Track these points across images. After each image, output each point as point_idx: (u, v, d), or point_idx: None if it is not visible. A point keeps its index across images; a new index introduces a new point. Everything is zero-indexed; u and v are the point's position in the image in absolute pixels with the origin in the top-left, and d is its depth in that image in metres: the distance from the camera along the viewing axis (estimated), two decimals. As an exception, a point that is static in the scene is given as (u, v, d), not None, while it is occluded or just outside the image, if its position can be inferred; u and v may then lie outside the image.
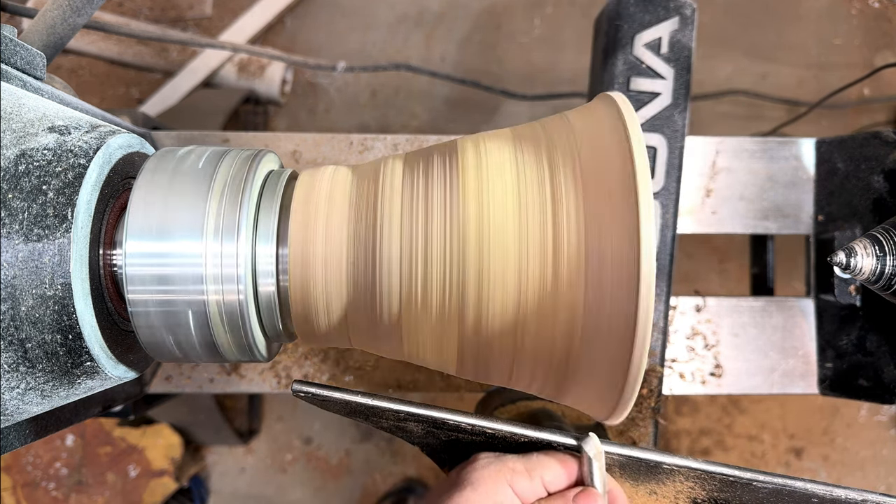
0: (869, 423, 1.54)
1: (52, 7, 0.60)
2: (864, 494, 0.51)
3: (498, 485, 0.48)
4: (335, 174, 0.52)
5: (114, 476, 1.35)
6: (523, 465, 0.50)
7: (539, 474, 0.49)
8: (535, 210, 0.45)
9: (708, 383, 0.86)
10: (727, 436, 1.53)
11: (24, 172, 0.42)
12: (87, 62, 1.56)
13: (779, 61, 1.59)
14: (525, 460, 0.50)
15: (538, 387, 0.50)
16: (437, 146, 0.52)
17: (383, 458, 1.51)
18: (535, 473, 0.49)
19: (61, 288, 0.42)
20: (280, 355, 0.86)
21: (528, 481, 0.49)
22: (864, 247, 0.64)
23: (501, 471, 0.49)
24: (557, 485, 0.50)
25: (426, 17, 1.60)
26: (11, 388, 0.42)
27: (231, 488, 1.51)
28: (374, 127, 1.57)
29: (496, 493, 0.48)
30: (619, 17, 0.78)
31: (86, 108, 0.61)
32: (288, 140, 0.87)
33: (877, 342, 0.80)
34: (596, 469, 0.50)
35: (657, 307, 0.78)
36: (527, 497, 0.49)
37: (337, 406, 0.52)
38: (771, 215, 0.88)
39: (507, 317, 0.45)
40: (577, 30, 1.59)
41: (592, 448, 0.50)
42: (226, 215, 0.47)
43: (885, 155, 0.79)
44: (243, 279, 0.47)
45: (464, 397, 1.33)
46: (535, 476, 0.49)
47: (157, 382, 0.86)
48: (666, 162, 0.78)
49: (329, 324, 0.50)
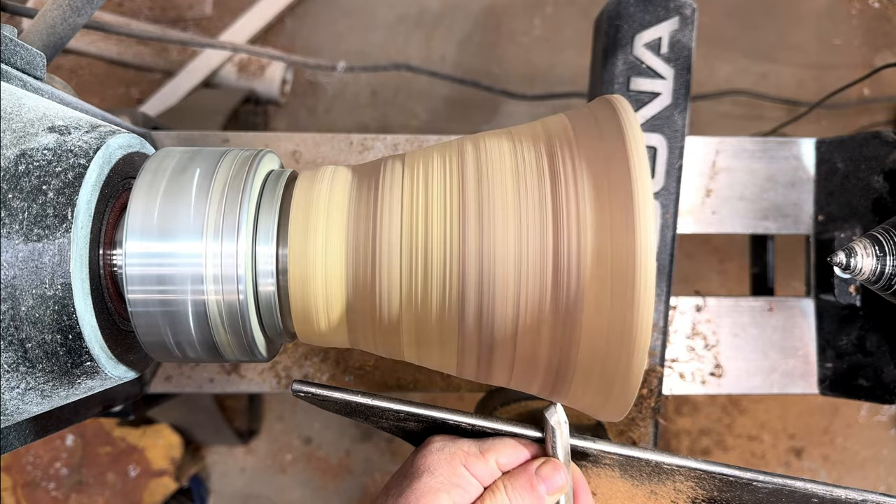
0: (869, 423, 1.54)
1: (52, 7, 0.60)
2: (864, 494, 0.51)
3: (455, 467, 0.48)
4: (335, 174, 0.52)
5: (114, 476, 1.35)
6: (477, 447, 0.50)
7: (493, 456, 0.49)
8: (535, 210, 0.45)
9: (708, 383, 0.86)
10: (727, 436, 1.53)
11: (24, 172, 0.42)
12: (87, 62, 1.56)
13: (779, 61, 1.59)
14: (479, 443, 0.50)
15: (538, 387, 0.50)
16: (437, 146, 0.52)
17: (383, 458, 1.51)
18: (490, 455, 0.49)
19: (61, 288, 0.42)
20: (280, 355, 0.86)
21: (483, 464, 0.49)
22: (864, 247, 0.64)
23: (456, 454, 0.49)
24: (512, 466, 0.50)
25: (426, 17, 1.60)
26: (11, 388, 0.42)
27: (231, 488, 1.50)
28: (374, 127, 1.57)
29: (453, 476, 0.48)
30: (619, 17, 0.78)
31: (86, 108, 0.61)
32: (288, 140, 0.87)
33: (877, 342, 0.80)
34: (559, 440, 0.50)
35: (657, 307, 0.78)
36: (483, 479, 0.49)
37: (337, 406, 0.52)
38: (771, 215, 0.87)
39: (507, 317, 0.45)
40: (577, 30, 1.59)
41: (555, 417, 0.50)
42: (226, 215, 0.47)
43: (885, 155, 0.79)
44: (243, 279, 0.47)
45: (464, 397, 1.33)
46: (490, 458, 0.49)
47: (157, 382, 0.86)
48: (666, 162, 0.78)
49: (329, 324, 0.50)
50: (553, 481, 0.49)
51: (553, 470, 0.49)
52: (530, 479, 0.48)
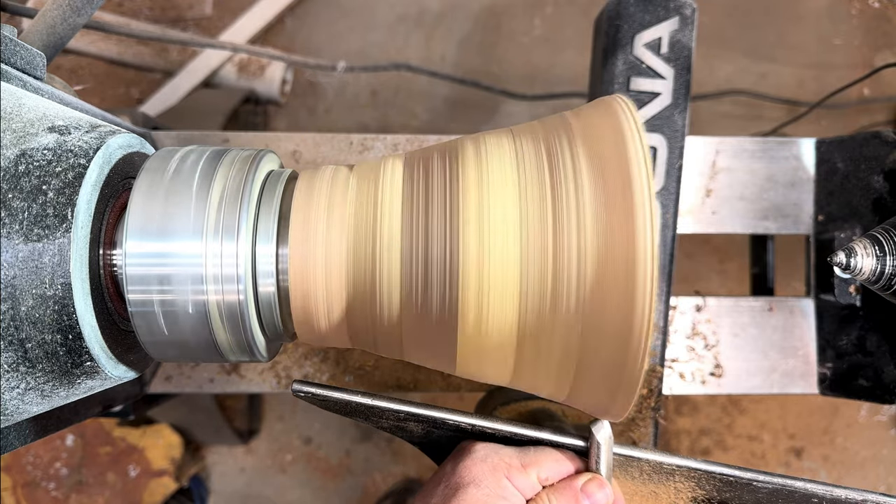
0: (869, 423, 1.54)
1: (52, 7, 0.60)
2: (864, 494, 0.51)
3: (499, 479, 0.48)
4: (335, 174, 0.52)
5: (114, 476, 1.35)
6: (519, 459, 0.50)
7: (535, 470, 0.49)
8: (535, 210, 0.45)
9: (708, 383, 0.86)
10: (727, 436, 1.53)
11: (24, 172, 0.42)
12: (87, 62, 1.56)
13: (779, 61, 1.59)
14: (521, 455, 0.50)
15: (538, 386, 0.50)
16: (437, 146, 0.52)
17: (383, 458, 1.51)
18: (532, 469, 0.49)
19: (61, 288, 0.42)
20: (280, 355, 0.86)
21: (525, 477, 0.49)
22: (864, 247, 0.64)
23: (499, 466, 0.49)
24: (553, 479, 0.50)
25: (426, 17, 1.60)
26: (11, 388, 0.42)
27: (231, 488, 1.51)
28: (374, 127, 1.57)
29: (498, 488, 0.47)
30: (619, 17, 0.78)
31: (86, 108, 0.61)
32: (288, 140, 0.87)
33: (877, 342, 0.80)
34: (603, 456, 0.50)
35: (657, 307, 0.78)
36: (525, 491, 0.49)
37: (337, 406, 0.52)
38: (771, 215, 0.87)
39: (508, 317, 0.45)
40: (577, 30, 1.59)
41: (603, 434, 0.50)
42: (226, 215, 0.47)
43: (885, 155, 0.79)
44: (243, 279, 0.47)
45: (464, 397, 1.33)
46: (532, 472, 0.49)
47: (157, 382, 0.86)
48: (666, 162, 0.78)
49: (329, 324, 0.50)
50: (598, 498, 0.48)
51: (598, 487, 0.49)
52: (575, 495, 0.48)
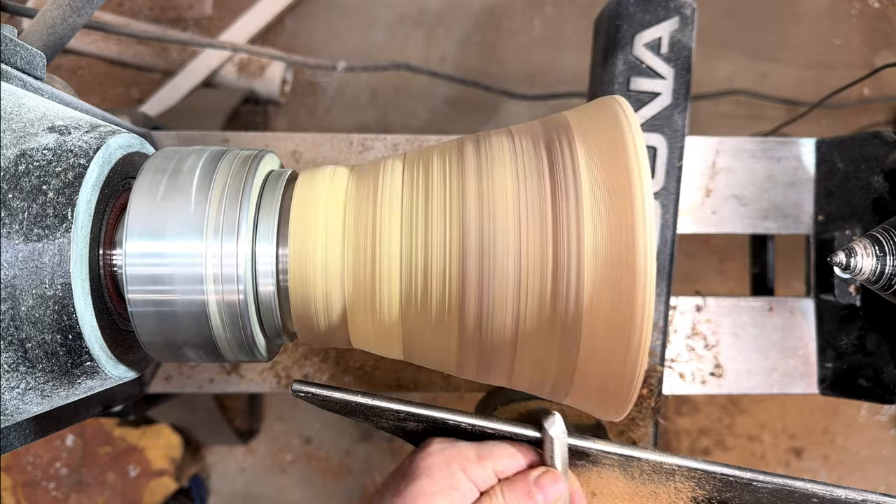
0: (869, 423, 1.54)
1: (52, 7, 0.60)
2: (864, 494, 0.51)
3: (453, 471, 0.48)
4: (335, 174, 0.52)
5: (114, 476, 1.35)
6: (475, 452, 0.50)
7: (490, 463, 0.49)
8: (535, 210, 0.45)
9: (708, 383, 0.86)
10: (727, 436, 1.53)
11: (24, 172, 0.42)
12: (87, 62, 1.55)
13: (779, 61, 1.59)
14: (478, 447, 0.50)
15: (538, 386, 0.50)
16: (437, 146, 0.52)
17: (383, 458, 1.51)
18: (487, 462, 0.49)
19: (61, 288, 0.42)
20: (280, 355, 0.86)
21: (480, 469, 0.49)
22: (864, 247, 0.64)
23: (455, 458, 0.49)
24: (508, 473, 0.50)
25: (426, 17, 1.60)
26: (11, 388, 0.42)
27: (231, 488, 1.50)
28: (374, 127, 1.57)
29: (451, 480, 0.48)
30: (619, 16, 0.78)
31: (86, 108, 0.61)
32: (288, 140, 0.87)
33: (877, 342, 0.80)
34: (557, 450, 0.50)
35: (657, 307, 0.78)
36: (480, 484, 0.49)
37: (337, 406, 0.52)
38: (771, 215, 0.87)
39: (508, 317, 0.45)
40: (577, 30, 1.59)
41: (556, 428, 0.50)
42: (226, 215, 0.47)
43: (885, 155, 0.79)
44: (243, 279, 0.47)
45: (464, 397, 1.33)
46: (487, 465, 0.49)
47: (157, 382, 0.86)
48: (666, 162, 0.78)
49: (329, 324, 0.50)
50: (551, 492, 0.49)
51: (552, 481, 0.49)
52: (528, 488, 0.49)
